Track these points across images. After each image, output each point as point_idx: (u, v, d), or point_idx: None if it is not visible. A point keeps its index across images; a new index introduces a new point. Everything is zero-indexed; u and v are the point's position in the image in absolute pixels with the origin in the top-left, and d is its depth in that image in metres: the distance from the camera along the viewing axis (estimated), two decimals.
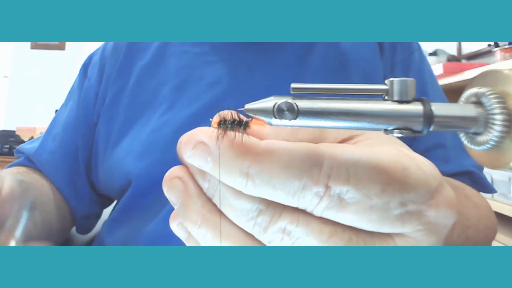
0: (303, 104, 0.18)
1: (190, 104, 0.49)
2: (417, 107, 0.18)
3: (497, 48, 1.47)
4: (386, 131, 0.18)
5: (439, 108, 0.18)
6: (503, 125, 0.18)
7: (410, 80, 0.18)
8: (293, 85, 0.18)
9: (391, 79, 0.18)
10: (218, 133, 0.19)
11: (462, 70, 1.48)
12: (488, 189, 0.52)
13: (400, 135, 0.18)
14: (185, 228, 0.22)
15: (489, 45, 1.70)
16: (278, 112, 0.18)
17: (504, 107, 0.18)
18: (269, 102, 0.18)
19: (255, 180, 0.18)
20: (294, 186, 0.18)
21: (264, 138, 0.20)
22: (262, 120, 0.18)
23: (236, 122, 0.19)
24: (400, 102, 0.18)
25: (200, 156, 0.19)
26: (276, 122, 0.18)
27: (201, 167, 0.20)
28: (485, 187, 0.51)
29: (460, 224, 0.36)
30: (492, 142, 0.18)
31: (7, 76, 3.18)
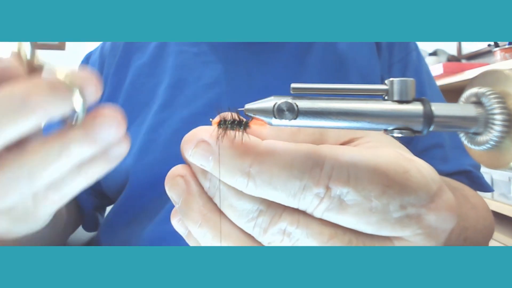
0: (303, 104, 0.18)
1: (188, 104, 0.49)
2: (417, 107, 0.18)
3: (497, 48, 1.47)
4: (386, 131, 0.18)
5: (439, 108, 0.18)
6: (503, 125, 0.18)
7: (410, 80, 0.18)
8: (293, 85, 0.18)
9: (391, 79, 0.18)
10: (218, 133, 0.19)
11: (462, 70, 1.48)
12: (486, 188, 0.52)
13: (400, 135, 0.18)
14: (185, 225, 0.22)
15: (489, 45, 1.70)
16: (278, 112, 0.18)
17: (504, 107, 0.18)
18: (269, 102, 0.18)
19: (256, 180, 0.18)
20: (295, 186, 0.18)
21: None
22: (262, 120, 0.18)
23: (236, 122, 0.19)
24: (400, 102, 0.18)
25: (202, 154, 0.19)
26: (276, 122, 0.18)
27: (202, 166, 0.20)
28: (482, 186, 0.51)
29: (459, 226, 0.36)
30: (492, 142, 0.18)
31: None
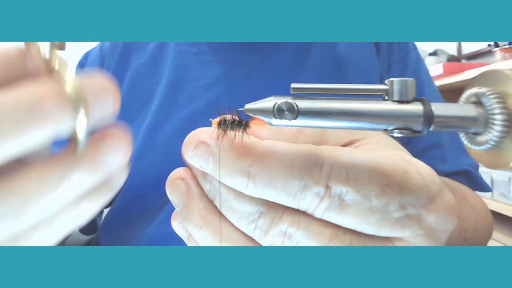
0: (303, 104, 0.18)
1: (187, 104, 0.48)
2: (417, 107, 0.18)
3: (497, 48, 1.47)
4: (386, 131, 0.18)
5: (439, 108, 0.18)
6: (503, 125, 0.18)
7: (410, 80, 0.18)
8: (293, 85, 0.18)
9: (391, 79, 0.18)
10: (218, 133, 0.19)
11: (462, 70, 1.48)
12: (485, 188, 0.52)
13: (400, 135, 0.18)
14: (186, 227, 0.22)
15: (489, 45, 1.70)
16: (278, 112, 0.18)
17: (504, 107, 0.18)
18: (269, 102, 0.18)
19: (256, 180, 0.18)
20: (295, 186, 0.18)
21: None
22: (262, 120, 0.18)
23: (236, 122, 0.19)
24: (400, 102, 0.18)
25: (201, 156, 0.19)
26: (276, 122, 0.18)
27: (202, 168, 0.20)
28: (481, 186, 0.51)
29: (458, 227, 0.36)
30: (492, 142, 0.18)
31: None
